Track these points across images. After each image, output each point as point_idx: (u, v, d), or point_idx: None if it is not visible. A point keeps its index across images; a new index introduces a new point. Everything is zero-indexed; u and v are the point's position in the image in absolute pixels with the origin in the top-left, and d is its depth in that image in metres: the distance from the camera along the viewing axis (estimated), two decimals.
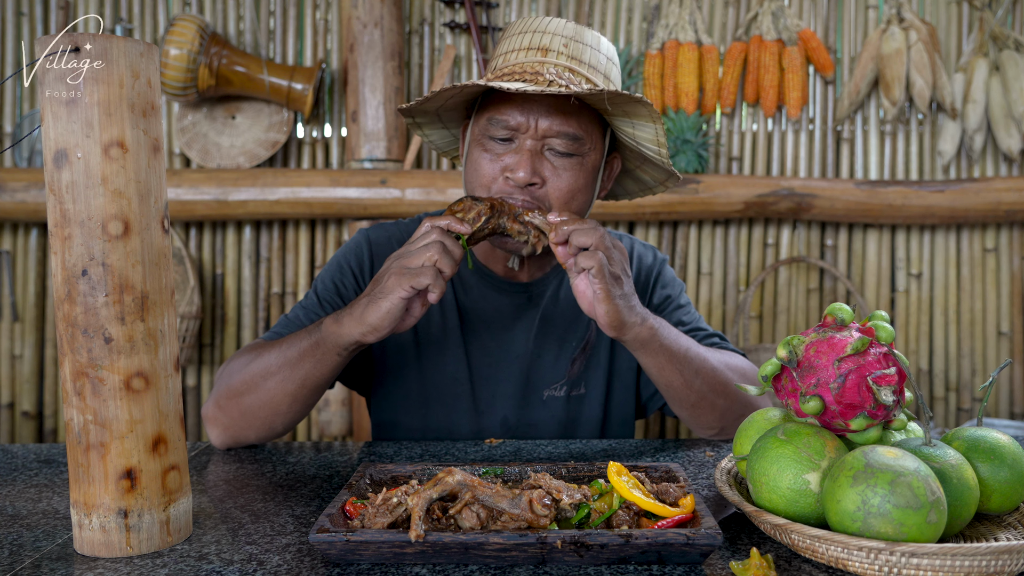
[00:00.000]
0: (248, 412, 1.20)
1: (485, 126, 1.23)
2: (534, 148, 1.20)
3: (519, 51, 1.23)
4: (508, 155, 1.21)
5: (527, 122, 1.19)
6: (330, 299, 1.35)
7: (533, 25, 1.24)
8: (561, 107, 1.19)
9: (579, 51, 1.22)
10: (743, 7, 2.95)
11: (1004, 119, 2.83)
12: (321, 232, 2.92)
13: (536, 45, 1.22)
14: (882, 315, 0.86)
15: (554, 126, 1.19)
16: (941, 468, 0.79)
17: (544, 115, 1.19)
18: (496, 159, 1.22)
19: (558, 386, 1.38)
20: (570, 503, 0.81)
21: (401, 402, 1.38)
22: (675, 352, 1.18)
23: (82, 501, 0.81)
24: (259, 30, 2.89)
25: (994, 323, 2.96)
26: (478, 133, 1.25)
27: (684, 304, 1.43)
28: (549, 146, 1.21)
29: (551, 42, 1.21)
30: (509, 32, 1.27)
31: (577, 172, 1.22)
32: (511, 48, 1.24)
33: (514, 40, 1.25)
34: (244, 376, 1.20)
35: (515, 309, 1.37)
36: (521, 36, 1.24)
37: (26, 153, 2.84)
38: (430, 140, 1.42)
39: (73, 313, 0.79)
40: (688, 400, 1.23)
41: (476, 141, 1.25)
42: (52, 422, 2.90)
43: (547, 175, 1.21)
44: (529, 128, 1.19)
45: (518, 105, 1.19)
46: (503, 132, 1.21)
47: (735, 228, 2.96)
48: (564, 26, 1.23)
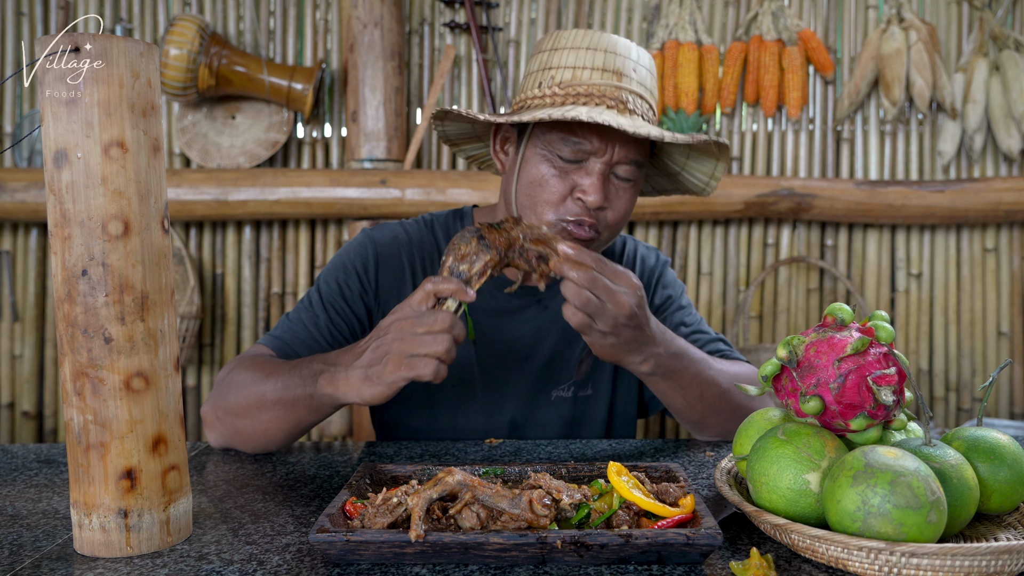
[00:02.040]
0: (243, 433, 1.20)
1: (555, 143, 1.21)
2: (604, 172, 1.21)
3: (592, 70, 1.21)
4: (577, 175, 1.21)
5: (604, 148, 1.20)
6: (333, 301, 1.33)
7: (603, 43, 1.23)
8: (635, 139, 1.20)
9: (643, 76, 1.25)
10: (743, 7, 2.95)
11: (1004, 119, 2.83)
12: (321, 232, 2.92)
13: (611, 68, 1.21)
14: (882, 315, 0.86)
15: (628, 155, 1.21)
16: (941, 468, 0.79)
17: (620, 143, 1.20)
18: (565, 177, 1.21)
19: (566, 387, 1.38)
20: (570, 503, 0.81)
21: (405, 403, 1.36)
22: (679, 381, 1.18)
23: (82, 501, 0.81)
24: (259, 30, 2.89)
25: (994, 323, 2.96)
26: (543, 148, 1.23)
27: (685, 305, 1.43)
28: (615, 171, 1.22)
29: (624, 65, 1.22)
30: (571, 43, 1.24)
31: (632, 194, 1.26)
32: (582, 64, 1.22)
33: (582, 56, 1.22)
34: (241, 400, 1.18)
35: (523, 310, 1.37)
36: (590, 53, 1.22)
37: (26, 153, 2.84)
38: (444, 131, 1.37)
39: (73, 313, 0.79)
40: (691, 418, 1.25)
41: (541, 156, 1.23)
42: (52, 422, 2.90)
43: (611, 199, 1.23)
44: (604, 153, 1.20)
45: (596, 131, 1.19)
46: (576, 154, 1.20)
47: (735, 228, 2.96)
48: (629, 48, 1.24)
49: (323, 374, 1.08)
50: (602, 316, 1.04)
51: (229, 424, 1.20)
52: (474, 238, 1.05)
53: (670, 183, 1.40)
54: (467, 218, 1.42)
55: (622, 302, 1.05)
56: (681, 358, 1.17)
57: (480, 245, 1.05)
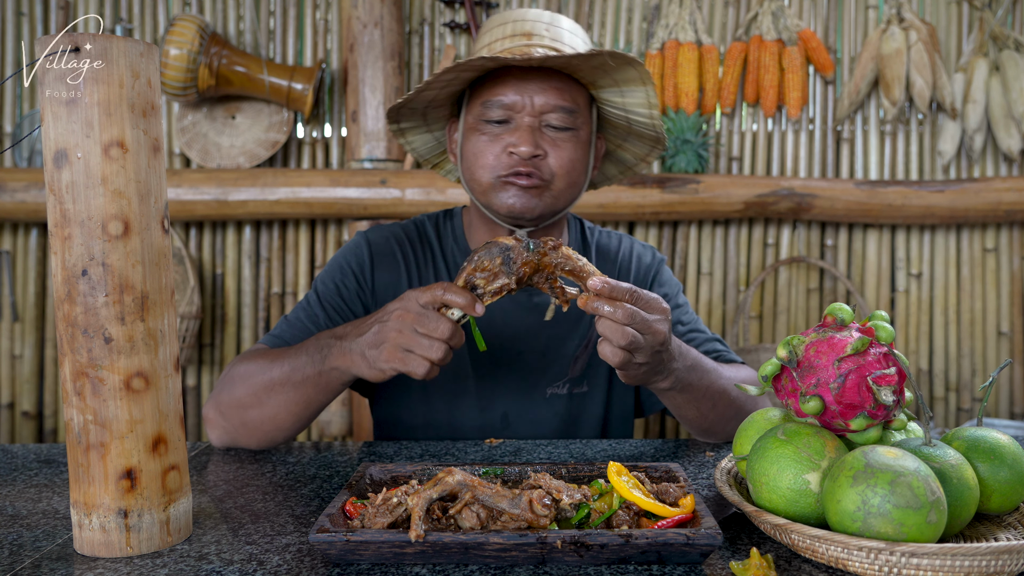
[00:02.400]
0: (250, 424, 1.21)
1: (480, 111, 1.25)
2: (533, 124, 1.24)
3: (503, 40, 1.26)
4: (507, 134, 1.24)
5: (523, 100, 1.23)
6: (331, 300, 1.35)
7: (512, 16, 1.28)
8: (554, 83, 1.23)
9: (559, 34, 1.27)
10: (743, 7, 2.95)
11: (1004, 119, 2.83)
12: (321, 232, 2.92)
13: (519, 32, 1.26)
14: (882, 315, 0.86)
15: (550, 101, 1.23)
16: (941, 468, 0.79)
17: (539, 92, 1.22)
18: (495, 139, 1.25)
19: (560, 384, 1.38)
20: (570, 503, 0.81)
21: (403, 398, 1.38)
22: (694, 394, 1.18)
23: (82, 501, 0.81)
24: (259, 30, 2.89)
25: (994, 323, 2.96)
26: (472, 121, 1.27)
27: (682, 304, 1.43)
28: (546, 122, 1.24)
29: (534, 27, 1.26)
30: (487, 27, 1.30)
31: (574, 144, 1.26)
32: (493, 39, 1.28)
33: (495, 32, 1.28)
34: (248, 389, 1.20)
35: (517, 307, 1.37)
36: (502, 27, 1.28)
37: (26, 153, 2.84)
38: (412, 147, 1.43)
39: (73, 313, 0.79)
40: (701, 426, 1.25)
41: (471, 129, 1.28)
42: (52, 422, 2.90)
43: (547, 148, 1.24)
44: (525, 106, 1.23)
45: (512, 85, 1.22)
46: (500, 113, 1.24)
47: (735, 228, 2.96)
48: (542, 14, 1.28)
49: (332, 348, 1.12)
50: (641, 350, 1.01)
51: (235, 418, 1.21)
52: (499, 256, 1.00)
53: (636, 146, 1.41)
54: (456, 217, 1.45)
55: (658, 331, 1.01)
56: (696, 370, 1.17)
57: (503, 266, 1.00)
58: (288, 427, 1.21)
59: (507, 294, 1.02)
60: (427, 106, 1.31)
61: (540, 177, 1.24)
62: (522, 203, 1.25)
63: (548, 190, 1.26)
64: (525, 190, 1.24)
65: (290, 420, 1.20)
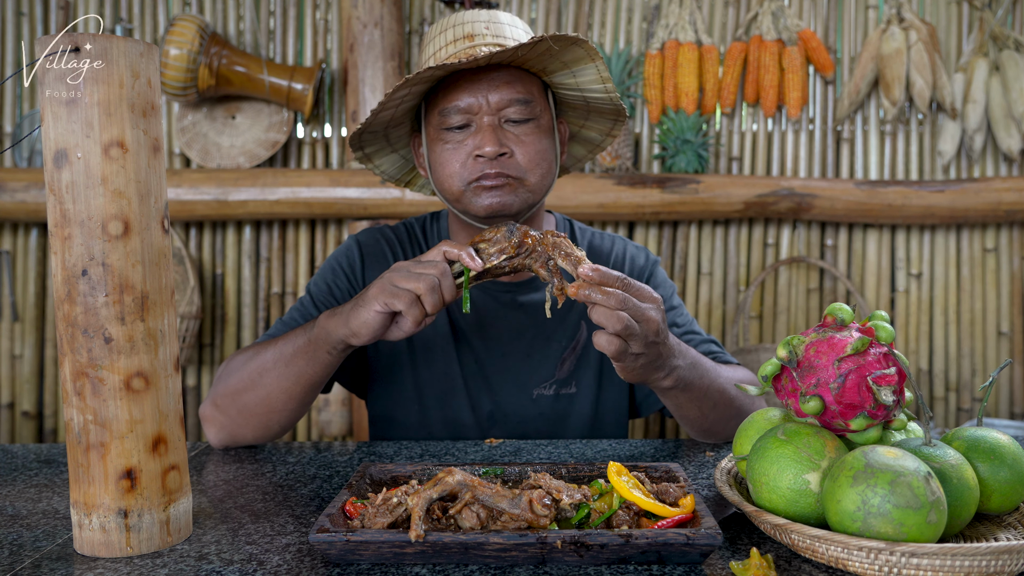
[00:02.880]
0: (245, 410, 1.21)
1: (439, 120, 1.26)
2: (493, 123, 1.24)
3: (446, 47, 1.27)
4: (469, 139, 1.25)
5: (478, 101, 1.23)
6: (324, 301, 1.37)
7: (451, 21, 1.29)
8: (506, 79, 1.24)
9: (500, 30, 1.27)
10: (743, 7, 2.95)
11: (1004, 119, 2.83)
12: (321, 232, 2.92)
13: (461, 35, 1.26)
14: (882, 315, 0.86)
15: (504, 96, 1.23)
16: (941, 468, 0.79)
17: (492, 90, 1.23)
18: (459, 146, 1.25)
19: (547, 385, 1.38)
20: (570, 503, 0.81)
21: (397, 398, 1.40)
22: (696, 393, 1.18)
23: (82, 501, 0.81)
24: (259, 30, 2.89)
25: (994, 323, 2.96)
26: (433, 132, 1.28)
27: (676, 305, 1.43)
28: (506, 117, 1.25)
29: (474, 28, 1.26)
30: (429, 37, 1.31)
31: (537, 135, 1.27)
32: (437, 48, 1.28)
33: (438, 40, 1.28)
34: (241, 374, 1.22)
35: (503, 308, 1.38)
36: (443, 34, 1.28)
37: (26, 153, 2.84)
38: (381, 170, 1.43)
39: (73, 313, 0.79)
40: (702, 426, 1.25)
41: (434, 140, 1.28)
42: (52, 422, 2.90)
43: (512, 145, 1.25)
44: (482, 106, 1.23)
45: (465, 89, 1.23)
46: (458, 118, 1.24)
47: (735, 228, 2.96)
48: (479, 13, 1.28)
49: (322, 316, 1.15)
50: (635, 338, 1.00)
51: (231, 407, 1.22)
52: (503, 228, 1.08)
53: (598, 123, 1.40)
54: (443, 218, 1.46)
55: (651, 319, 1.01)
56: (697, 368, 1.16)
57: (505, 234, 1.07)
58: (281, 408, 1.21)
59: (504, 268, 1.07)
60: (387, 126, 1.31)
61: (508, 175, 1.24)
62: (499, 201, 1.24)
63: (522, 185, 1.25)
64: (498, 189, 1.24)
65: (283, 399, 1.20)
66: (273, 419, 1.22)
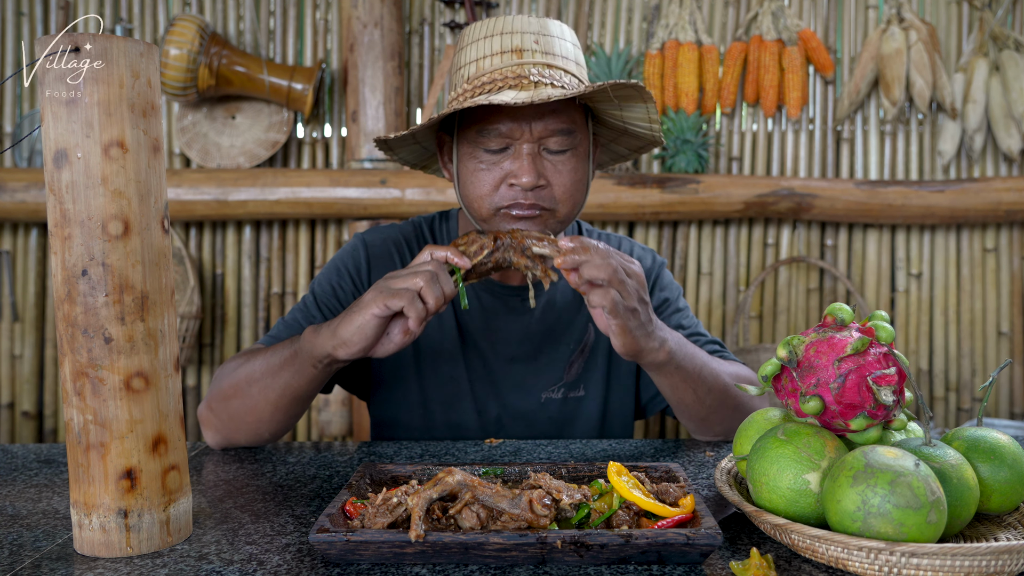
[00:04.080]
0: (235, 417, 1.21)
1: (476, 138, 1.19)
2: (532, 151, 1.18)
3: (491, 56, 1.19)
4: (506, 162, 1.19)
5: (520, 128, 1.17)
6: (327, 302, 1.35)
7: (499, 27, 1.21)
8: (551, 107, 1.17)
9: (550, 44, 1.20)
10: (743, 7, 2.95)
11: (1004, 119, 2.83)
12: (321, 232, 2.92)
13: (509, 47, 1.18)
14: (882, 315, 0.86)
15: (548, 126, 1.18)
16: (941, 468, 0.79)
17: (536, 118, 1.17)
18: (493, 167, 1.20)
19: (555, 388, 1.38)
20: (570, 503, 0.81)
21: (401, 402, 1.38)
22: (690, 372, 1.18)
23: (82, 501, 0.81)
24: (259, 30, 2.89)
25: (994, 323, 2.96)
26: (468, 147, 1.22)
27: (682, 308, 1.43)
28: (545, 146, 1.19)
29: (523, 41, 1.19)
30: (472, 37, 1.23)
31: (575, 164, 1.22)
32: (481, 55, 1.20)
33: (482, 46, 1.21)
34: (232, 380, 1.22)
35: (510, 311, 1.37)
36: (488, 40, 1.20)
37: (26, 153, 2.84)
38: (400, 158, 1.39)
39: (73, 313, 0.79)
40: (699, 414, 1.24)
41: (468, 155, 1.22)
42: (52, 422, 2.90)
43: (549, 175, 1.20)
44: (524, 133, 1.17)
45: (507, 113, 1.16)
46: (497, 142, 1.18)
47: (735, 228, 2.96)
48: (530, 22, 1.21)
49: (308, 330, 1.14)
50: (627, 289, 1.05)
51: (222, 412, 1.22)
52: (473, 232, 1.13)
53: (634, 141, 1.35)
54: (453, 219, 1.44)
55: (636, 272, 1.08)
56: (686, 347, 1.19)
57: (477, 235, 1.12)
58: (268, 419, 1.20)
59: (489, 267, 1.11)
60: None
61: (542, 207, 1.20)
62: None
63: (553, 216, 1.22)
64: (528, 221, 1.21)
65: (269, 410, 1.19)
66: (262, 428, 1.22)
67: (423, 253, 1.09)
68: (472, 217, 1.26)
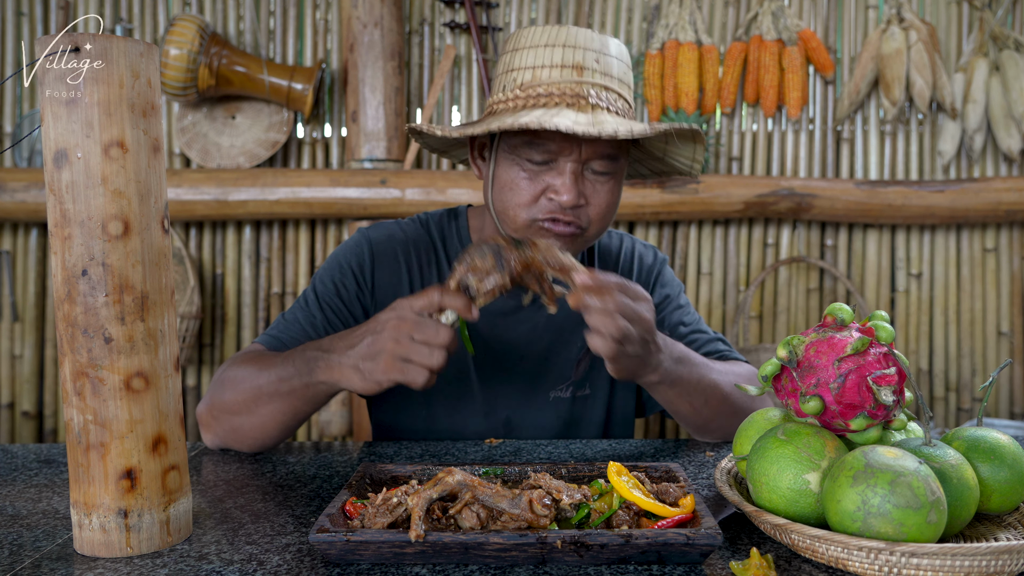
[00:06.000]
0: (239, 430, 1.21)
1: (521, 147, 1.18)
2: (576, 171, 1.18)
3: (551, 68, 1.17)
4: (549, 175, 1.19)
5: (571, 147, 1.17)
6: (330, 300, 1.33)
7: (561, 38, 1.19)
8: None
9: (609, 65, 1.19)
10: (743, 7, 2.95)
11: (1004, 119, 2.83)
12: (321, 232, 2.92)
13: (570, 63, 1.17)
14: (882, 315, 0.86)
15: (598, 150, 1.18)
16: (941, 468, 0.79)
17: (588, 141, 1.17)
18: (534, 178, 1.19)
19: (563, 387, 1.37)
20: (570, 503, 0.81)
21: (403, 403, 1.37)
22: (686, 386, 1.18)
23: (82, 501, 0.81)
24: (259, 30, 2.89)
25: (994, 323, 2.96)
26: (509, 152, 1.21)
27: (683, 305, 1.43)
28: (589, 167, 1.19)
29: (584, 58, 1.17)
30: (530, 42, 1.20)
31: (613, 187, 1.22)
32: (541, 63, 1.18)
33: (540, 54, 1.18)
34: (237, 396, 1.19)
35: (517, 311, 1.37)
36: (549, 50, 1.18)
37: (26, 153, 2.84)
38: (426, 143, 1.36)
39: (73, 313, 0.79)
40: (696, 422, 1.24)
41: (510, 160, 1.21)
42: (52, 422, 2.90)
43: (588, 195, 1.20)
44: (572, 152, 1.17)
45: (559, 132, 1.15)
46: (542, 156, 1.18)
47: (735, 228, 2.96)
48: (592, 38, 1.19)
49: (319, 361, 1.10)
50: (631, 339, 1.02)
51: (225, 423, 1.21)
52: (491, 255, 1.03)
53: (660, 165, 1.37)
54: (461, 217, 1.41)
55: (644, 318, 1.04)
56: (684, 363, 1.17)
57: (496, 264, 1.02)
58: (276, 435, 1.21)
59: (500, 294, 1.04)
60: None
61: (578, 226, 1.20)
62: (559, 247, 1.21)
63: (583, 236, 1.23)
64: (562, 237, 1.20)
65: (277, 429, 1.19)
66: (268, 441, 1.22)
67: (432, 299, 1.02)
68: (500, 221, 1.25)
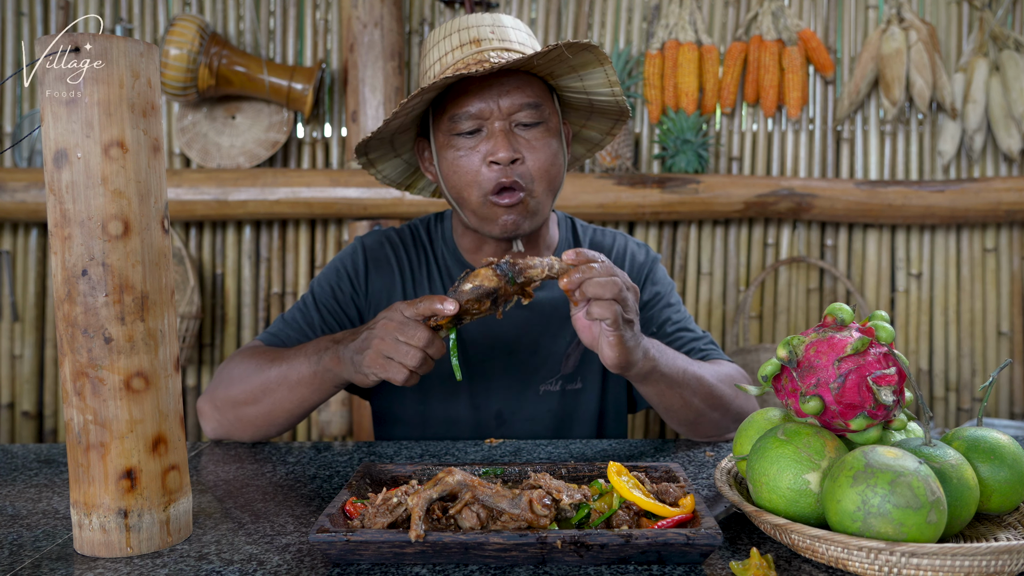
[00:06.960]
0: (246, 419, 1.27)
1: (449, 126, 1.25)
2: (504, 128, 1.24)
3: (452, 51, 1.26)
4: (482, 144, 1.25)
5: (489, 106, 1.23)
6: (327, 303, 1.39)
7: (455, 25, 1.28)
8: (516, 83, 1.24)
9: (505, 34, 1.27)
10: (743, 7, 2.95)
11: (1004, 119, 2.83)
12: (321, 232, 2.92)
13: (467, 40, 1.26)
14: (882, 315, 0.86)
15: (516, 100, 1.24)
16: (941, 468, 0.79)
17: (503, 95, 1.23)
18: (471, 152, 1.25)
19: (553, 381, 1.39)
20: (570, 503, 0.81)
21: (400, 395, 1.41)
22: (673, 378, 1.19)
23: (82, 501, 0.81)
24: (259, 30, 2.89)
25: (994, 323, 2.96)
26: (444, 137, 1.28)
27: (674, 303, 1.44)
28: (516, 122, 1.25)
29: (480, 32, 1.26)
30: (433, 41, 1.31)
31: (548, 139, 1.27)
32: (442, 53, 1.28)
33: (441, 45, 1.28)
34: (245, 388, 1.25)
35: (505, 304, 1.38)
36: (447, 39, 1.28)
37: (26, 153, 2.84)
38: (383, 175, 1.44)
39: (73, 313, 0.79)
40: (687, 419, 1.25)
41: (444, 145, 1.28)
42: (52, 422, 2.90)
43: (524, 151, 1.25)
44: (493, 111, 1.24)
45: (475, 94, 1.23)
46: (469, 124, 1.24)
47: (735, 228, 2.96)
48: (483, 17, 1.28)
49: (328, 351, 1.18)
50: (627, 304, 1.06)
51: (231, 414, 1.27)
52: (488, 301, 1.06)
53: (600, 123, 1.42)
54: (446, 219, 1.47)
55: (632, 284, 1.09)
56: (666, 352, 1.20)
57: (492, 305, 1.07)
58: (282, 423, 1.27)
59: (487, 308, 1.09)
60: (394, 133, 1.32)
61: (522, 187, 1.25)
62: (513, 223, 1.27)
63: (532, 197, 1.27)
64: (513, 209, 1.26)
65: (284, 416, 1.26)
66: (272, 429, 1.29)
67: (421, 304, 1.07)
68: (459, 207, 1.31)
